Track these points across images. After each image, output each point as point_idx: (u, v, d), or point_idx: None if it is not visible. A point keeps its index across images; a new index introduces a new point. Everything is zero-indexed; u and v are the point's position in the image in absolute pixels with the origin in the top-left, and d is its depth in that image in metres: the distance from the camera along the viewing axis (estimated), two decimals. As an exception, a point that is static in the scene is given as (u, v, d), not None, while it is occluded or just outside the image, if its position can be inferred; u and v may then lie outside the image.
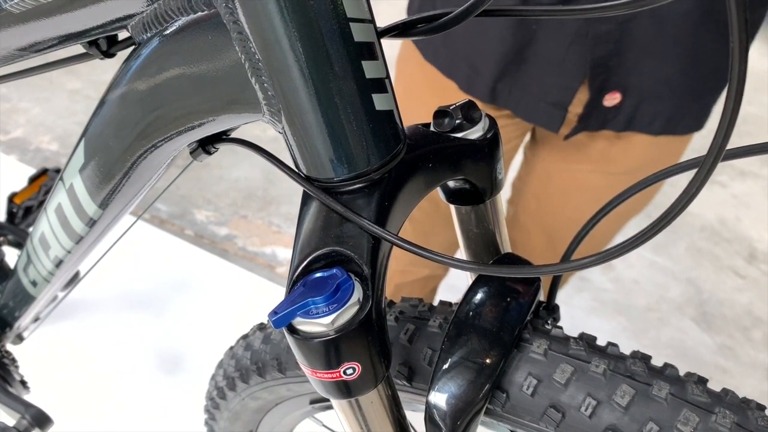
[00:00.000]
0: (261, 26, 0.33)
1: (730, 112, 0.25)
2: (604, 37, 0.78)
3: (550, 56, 0.82)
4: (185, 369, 1.52)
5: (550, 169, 1.01)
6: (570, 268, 0.34)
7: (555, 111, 0.86)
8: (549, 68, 0.83)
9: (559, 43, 0.80)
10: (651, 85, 0.83)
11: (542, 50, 0.82)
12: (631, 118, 0.87)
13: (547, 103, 0.86)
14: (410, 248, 0.37)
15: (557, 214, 1.04)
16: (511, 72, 0.85)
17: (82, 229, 0.59)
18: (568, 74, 0.83)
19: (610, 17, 0.76)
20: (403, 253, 1.23)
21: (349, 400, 0.40)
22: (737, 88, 0.24)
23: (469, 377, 0.43)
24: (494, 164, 0.46)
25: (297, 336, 0.36)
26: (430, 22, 0.38)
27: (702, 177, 0.27)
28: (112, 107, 0.46)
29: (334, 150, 0.37)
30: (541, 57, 0.82)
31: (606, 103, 0.85)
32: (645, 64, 0.81)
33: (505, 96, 0.88)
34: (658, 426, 0.40)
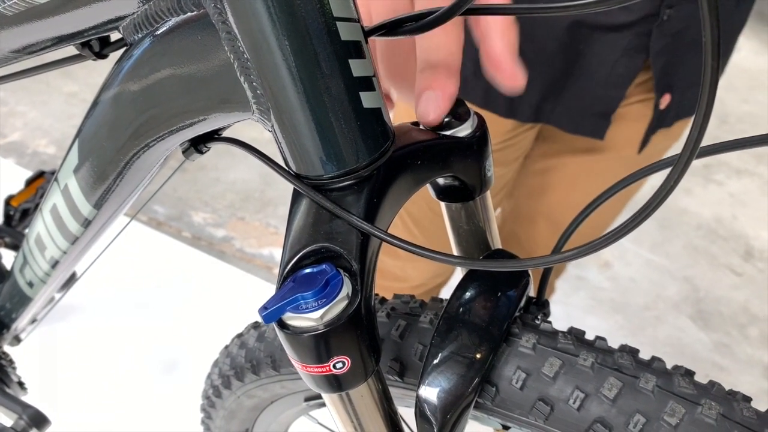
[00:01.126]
0: (249, 26, 0.34)
1: (704, 107, 0.26)
2: (663, 50, 0.80)
3: (597, 72, 0.83)
4: (183, 369, 1.52)
5: (556, 159, 1.01)
6: (554, 261, 0.35)
7: (600, 120, 0.88)
8: (594, 83, 0.84)
9: (607, 60, 0.82)
10: (691, 78, 0.86)
11: (590, 67, 0.83)
12: (678, 111, 0.89)
13: (592, 114, 0.87)
14: (399, 244, 0.38)
15: (563, 200, 1.04)
16: (557, 91, 0.86)
17: (77, 230, 0.60)
18: (613, 85, 0.84)
19: (665, 32, 0.78)
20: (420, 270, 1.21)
21: (340, 394, 0.41)
22: (711, 85, 0.25)
23: (459, 371, 0.43)
24: (483, 161, 0.47)
25: (287, 331, 0.37)
26: (416, 21, 0.39)
27: (679, 171, 0.27)
28: (105, 108, 0.47)
29: (323, 147, 0.37)
30: (588, 73, 0.83)
31: (661, 107, 0.87)
32: (689, 62, 0.84)
33: (548, 113, 0.88)
34: (645, 418, 0.40)
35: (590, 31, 0.79)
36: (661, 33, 0.79)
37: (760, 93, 2.82)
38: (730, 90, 2.80)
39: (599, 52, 0.81)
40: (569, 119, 0.89)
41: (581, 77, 0.84)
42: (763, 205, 2.29)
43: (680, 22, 0.78)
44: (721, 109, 2.72)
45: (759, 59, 2.97)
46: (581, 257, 0.34)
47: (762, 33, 3.05)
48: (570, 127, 0.90)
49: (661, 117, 0.89)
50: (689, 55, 0.83)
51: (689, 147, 0.27)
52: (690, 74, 0.86)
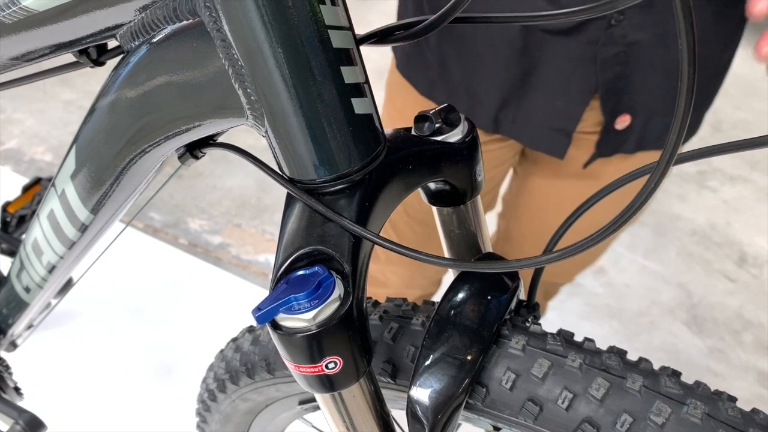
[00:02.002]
0: (243, 34, 0.34)
1: (681, 114, 0.26)
2: (612, 60, 0.78)
3: (554, 82, 0.81)
4: (179, 374, 1.52)
5: (543, 184, 1.00)
6: (542, 261, 0.36)
7: (560, 137, 0.86)
8: (553, 94, 0.83)
9: (563, 69, 0.80)
10: (658, 102, 0.83)
11: (546, 76, 0.81)
12: (642, 139, 0.86)
13: (552, 130, 0.85)
14: (390, 246, 0.39)
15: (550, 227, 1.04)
16: (515, 99, 0.84)
17: (74, 235, 0.61)
18: (572, 100, 0.82)
19: (616, 40, 0.76)
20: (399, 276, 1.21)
21: (332, 394, 0.41)
22: (688, 88, 0.26)
23: (450, 372, 0.44)
24: (473, 166, 0.48)
25: (280, 332, 0.37)
26: (407, 29, 0.40)
27: (657, 177, 0.28)
28: (102, 114, 0.48)
29: (315, 152, 0.38)
30: (545, 83, 0.82)
31: (617, 127, 0.84)
32: (651, 83, 0.81)
33: (509, 124, 0.87)
34: (632, 417, 0.41)
35: (542, 35, 0.77)
36: (609, 39, 0.76)
37: (754, 100, 2.84)
38: (724, 97, 2.80)
39: (554, 61, 0.80)
40: (529, 134, 0.87)
41: (540, 89, 0.82)
42: (757, 212, 2.31)
43: (635, 30, 0.76)
44: (714, 117, 2.73)
45: (752, 67, 2.99)
46: (567, 257, 0.35)
47: (755, 41, 3.06)
48: (529, 142, 0.89)
49: (619, 139, 0.86)
50: (655, 76, 0.81)
51: (668, 151, 0.28)
52: (656, 100, 0.83)
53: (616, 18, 0.74)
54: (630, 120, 0.84)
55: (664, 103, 0.83)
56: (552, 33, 0.77)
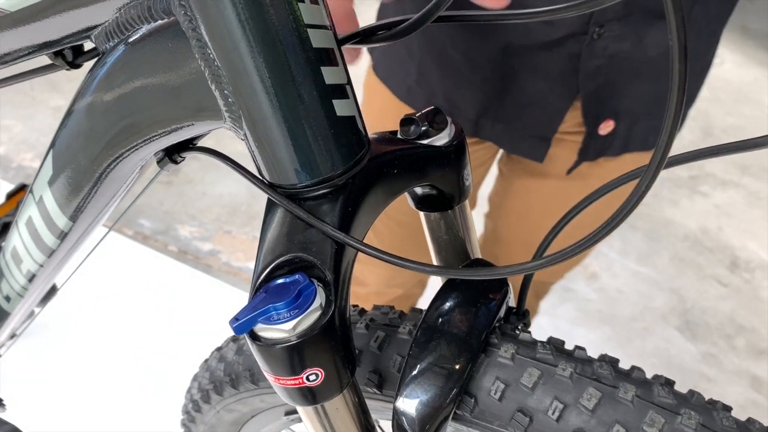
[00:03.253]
0: (219, 33, 0.33)
1: (672, 115, 0.25)
2: (594, 73, 0.78)
3: (533, 92, 0.82)
4: (169, 382, 1.50)
5: (528, 185, 1.00)
6: (531, 268, 0.34)
7: (539, 143, 0.87)
8: (533, 104, 0.83)
9: (542, 81, 0.80)
10: (641, 106, 0.84)
11: (526, 87, 0.81)
12: (626, 142, 0.87)
13: (531, 136, 0.86)
14: (373, 253, 0.37)
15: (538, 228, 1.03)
16: (494, 108, 0.85)
17: (53, 242, 0.59)
18: (551, 109, 0.83)
19: (598, 53, 0.76)
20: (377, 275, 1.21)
21: (315, 406, 0.40)
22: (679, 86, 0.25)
23: (437, 383, 0.43)
24: (461, 170, 0.47)
25: (259, 342, 0.36)
26: (389, 29, 0.39)
27: (646, 183, 0.27)
28: (79, 118, 0.46)
29: (296, 156, 0.37)
30: (524, 95, 0.82)
31: (601, 132, 0.85)
32: (633, 89, 0.81)
33: (488, 129, 0.87)
34: (624, 428, 0.40)
35: (521, 50, 0.78)
36: (591, 53, 0.76)
37: (745, 105, 2.84)
38: (715, 102, 2.82)
39: (534, 75, 0.80)
40: (509, 139, 0.88)
41: (519, 100, 0.83)
42: (749, 216, 2.31)
43: (616, 42, 0.76)
44: (705, 122, 2.74)
45: (743, 72, 3.00)
46: (557, 263, 0.34)
47: (745, 46, 3.08)
48: (509, 147, 0.89)
49: (603, 143, 0.86)
50: (637, 82, 0.80)
51: (657, 157, 0.27)
52: (639, 104, 0.83)
53: (597, 32, 0.74)
54: (614, 125, 0.84)
55: (648, 107, 0.84)
56: (532, 48, 0.77)
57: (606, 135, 0.85)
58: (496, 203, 1.11)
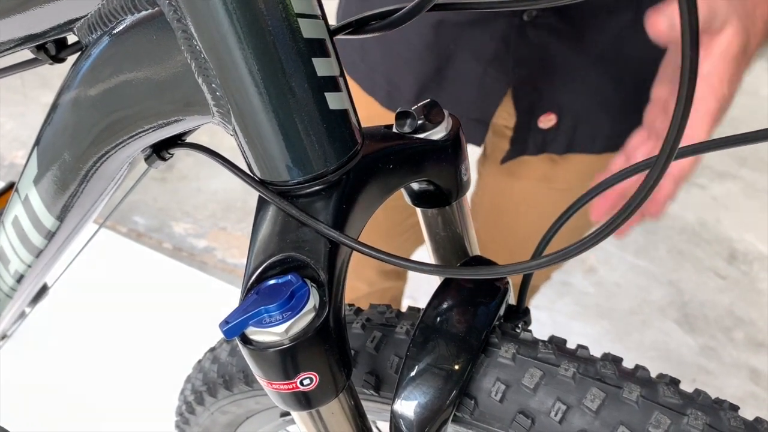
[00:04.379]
0: (205, 23, 0.32)
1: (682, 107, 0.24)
2: (524, 60, 0.77)
3: (469, 76, 0.81)
4: (165, 383, 1.49)
5: (500, 186, 0.99)
6: (532, 267, 0.33)
7: (477, 126, 0.85)
8: (469, 86, 0.82)
9: (477, 64, 0.79)
10: (585, 104, 0.82)
11: (461, 69, 0.80)
12: (571, 140, 0.85)
13: (469, 119, 0.85)
14: (370, 252, 0.36)
15: (512, 231, 1.03)
16: (432, 89, 0.83)
17: (40, 242, 0.57)
18: (487, 94, 0.81)
19: (530, 40, 0.75)
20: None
21: (309, 411, 0.39)
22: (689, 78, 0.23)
23: (436, 384, 0.41)
24: (458, 165, 0.45)
25: (251, 346, 0.35)
26: (383, 19, 0.37)
27: (655, 176, 0.26)
28: (63, 113, 0.45)
29: (287, 151, 0.35)
30: (460, 76, 0.81)
31: (541, 125, 0.83)
32: (576, 84, 0.80)
33: None
34: (629, 429, 0.39)
35: (453, 27, 0.77)
36: (523, 37, 0.75)
37: (741, 97, 2.81)
38: (711, 94, 2.81)
39: (468, 56, 0.78)
40: None
41: (455, 81, 0.81)
42: (746, 208, 2.30)
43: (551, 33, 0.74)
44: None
45: (739, 63, 2.99)
46: (558, 262, 0.33)
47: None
48: None
49: (545, 138, 0.85)
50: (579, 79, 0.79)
51: (666, 149, 0.26)
52: (583, 105, 0.81)
53: (528, 14, 0.73)
54: (556, 119, 0.82)
55: (593, 108, 0.82)
56: (464, 25, 0.76)
57: (548, 129, 0.83)
58: (475, 204, 1.11)
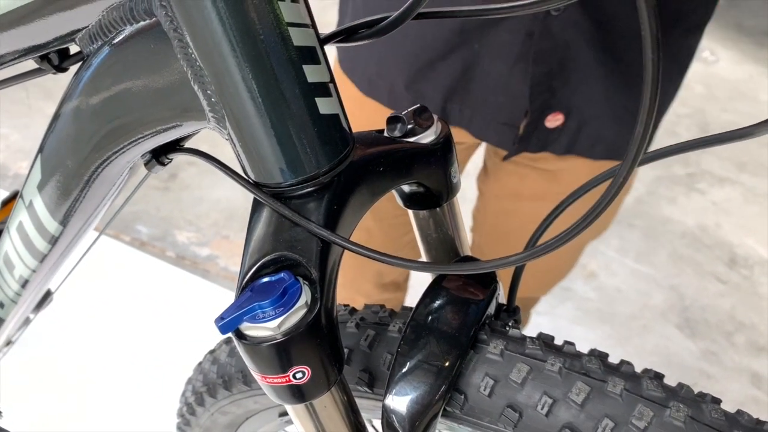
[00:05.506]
0: (200, 33, 0.33)
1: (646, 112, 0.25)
2: (545, 56, 0.77)
3: (495, 76, 0.81)
4: (168, 388, 1.50)
5: (504, 206, 1.00)
6: (518, 260, 0.34)
7: (507, 130, 0.85)
8: (496, 89, 0.82)
9: (503, 63, 0.79)
10: (594, 107, 0.82)
11: (487, 70, 0.80)
12: (573, 142, 0.85)
13: (498, 123, 0.84)
14: (359, 251, 0.38)
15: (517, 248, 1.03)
16: (459, 93, 0.83)
17: (44, 247, 0.59)
18: (514, 94, 0.81)
19: (553, 35, 0.75)
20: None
21: (303, 405, 0.40)
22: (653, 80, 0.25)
23: (426, 380, 0.43)
24: (448, 168, 0.47)
25: (245, 341, 0.36)
26: (370, 27, 0.39)
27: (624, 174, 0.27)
28: (66, 121, 0.46)
29: (280, 154, 0.37)
30: (487, 77, 0.81)
31: (548, 124, 0.83)
32: (588, 86, 0.80)
33: (456, 114, 0.86)
34: (613, 422, 0.40)
35: (478, 29, 0.76)
36: (546, 32, 0.75)
37: (740, 102, 2.84)
38: (711, 99, 2.82)
39: (494, 55, 0.78)
40: (477, 125, 0.86)
41: (483, 83, 0.81)
42: (746, 213, 2.31)
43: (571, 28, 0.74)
44: (702, 119, 2.74)
45: (738, 69, 3.00)
46: (545, 254, 0.34)
47: (741, 43, 3.08)
48: (477, 133, 0.87)
49: (548, 137, 0.85)
50: (592, 81, 0.80)
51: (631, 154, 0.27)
52: (591, 107, 0.82)
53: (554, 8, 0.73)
54: (563, 120, 0.82)
55: (599, 111, 0.82)
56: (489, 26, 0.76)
57: (553, 128, 0.83)
58: (478, 220, 1.12)
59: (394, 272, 1.18)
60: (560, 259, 1.08)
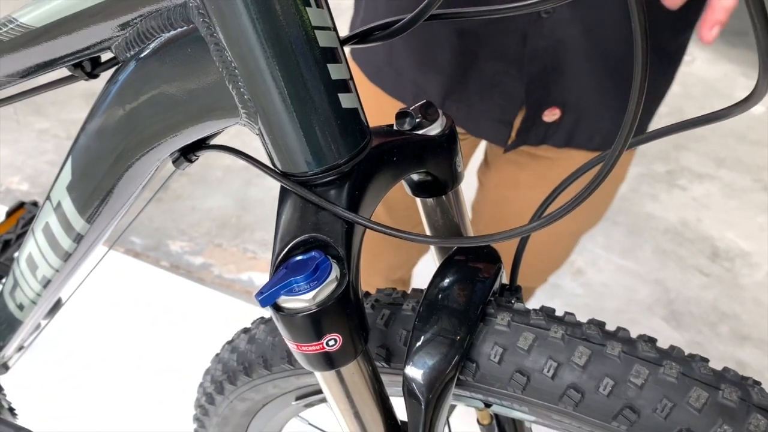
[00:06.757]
0: (235, 37, 0.37)
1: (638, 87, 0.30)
2: (540, 53, 0.81)
3: (491, 76, 0.84)
4: (172, 391, 1.52)
5: (502, 194, 1.04)
6: (523, 231, 0.39)
7: (501, 126, 0.89)
8: (491, 87, 0.86)
9: (498, 63, 0.83)
10: (589, 101, 0.86)
11: (484, 69, 0.84)
12: (571, 135, 0.89)
13: (493, 120, 0.89)
14: (380, 229, 0.42)
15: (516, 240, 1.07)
16: (457, 90, 0.87)
17: (69, 246, 0.62)
18: (509, 93, 0.85)
19: (546, 34, 0.79)
20: None
21: (332, 372, 0.44)
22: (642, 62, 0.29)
23: (441, 350, 0.47)
24: (453, 157, 0.51)
25: (282, 313, 0.40)
26: (385, 29, 0.43)
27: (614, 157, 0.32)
28: (99, 123, 0.50)
29: (307, 146, 0.41)
30: (483, 77, 0.85)
31: (546, 119, 0.87)
32: (582, 81, 0.84)
33: (454, 112, 0.90)
34: (613, 380, 0.44)
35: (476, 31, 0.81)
36: (539, 32, 0.79)
37: (717, 100, 2.93)
38: (688, 98, 2.90)
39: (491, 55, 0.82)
40: (473, 123, 0.91)
41: (479, 81, 0.85)
42: (726, 207, 2.37)
43: (563, 26, 0.78)
44: (680, 117, 2.79)
45: (713, 68, 3.09)
46: (551, 224, 0.38)
47: (715, 43, 3.17)
48: (474, 131, 0.92)
49: (547, 130, 0.89)
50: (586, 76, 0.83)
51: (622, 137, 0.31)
52: (587, 101, 0.85)
53: (545, 10, 0.77)
54: (560, 114, 0.87)
55: (595, 104, 0.86)
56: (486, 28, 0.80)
57: (551, 123, 0.87)
58: (477, 211, 1.16)
59: (402, 268, 1.23)
60: (556, 248, 1.13)
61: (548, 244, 1.08)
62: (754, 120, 2.83)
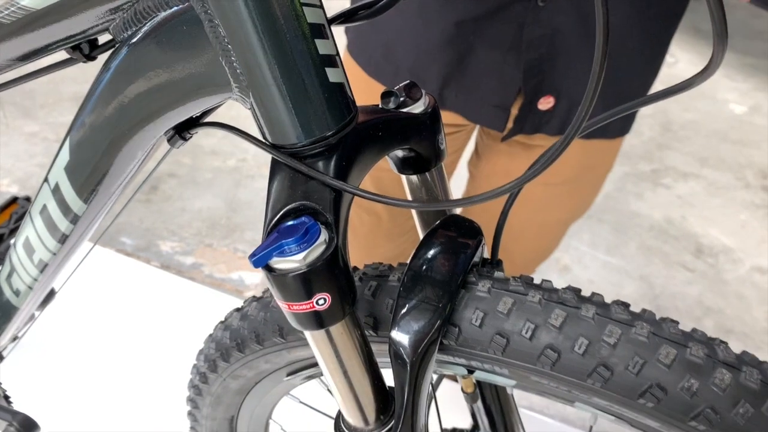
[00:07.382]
0: (228, 14, 0.40)
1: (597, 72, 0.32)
2: (537, 42, 0.84)
3: (489, 63, 0.87)
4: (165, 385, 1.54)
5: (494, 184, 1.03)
6: (507, 189, 0.42)
7: (499, 112, 0.92)
8: (489, 74, 0.88)
9: (496, 51, 0.86)
10: (581, 90, 0.88)
11: (481, 58, 0.87)
12: (565, 122, 0.92)
13: (491, 106, 0.92)
14: (367, 195, 0.44)
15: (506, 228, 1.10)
16: (455, 79, 0.90)
17: (66, 227, 0.64)
18: (506, 79, 0.88)
19: (542, 23, 0.82)
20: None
21: (321, 332, 0.46)
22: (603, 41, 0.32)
23: (425, 315, 0.49)
24: (436, 135, 0.54)
25: (274, 273, 0.42)
26: (369, 8, 0.45)
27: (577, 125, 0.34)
28: (97, 103, 0.52)
29: (296, 118, 0.43)
30: (481, 64, 0.88)
31: (540, 107, 0.90)
32: (575, 69, 0.87)
33: (452, 99, 0.93)
34: (587, 340, 0.47)
35: (473, 21, 0.84)
36: (535, 21, 0.81)
37: (699, 101, 2.98)
38: (672, 100, 2.95)
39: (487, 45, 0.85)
40: (471, 109, 0.94)
41: (477, 69, 0.88)
42: (710, 205, 2.42)
43: (559, 14, 0.80)
44: (664, 118, 2.86)
45: (696, 70, 3.11)
46: (532, 179, 0.41)
47: (698, 45, 3.22)
48: (471, 116, 0.95)
49: (542, 118, 0.91)
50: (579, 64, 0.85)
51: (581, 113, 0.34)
52: (580, 89, 0.87)
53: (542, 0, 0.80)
54: (554, 102, 0.90)
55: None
56: (484, 17, 0.83)
57: (545, 111, 0.90)
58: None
59: (396, 260, 1.25)
60: (546, 238, 1.15)
61: (537, 233, 1.11)
62: (736, 120, 2.88)
